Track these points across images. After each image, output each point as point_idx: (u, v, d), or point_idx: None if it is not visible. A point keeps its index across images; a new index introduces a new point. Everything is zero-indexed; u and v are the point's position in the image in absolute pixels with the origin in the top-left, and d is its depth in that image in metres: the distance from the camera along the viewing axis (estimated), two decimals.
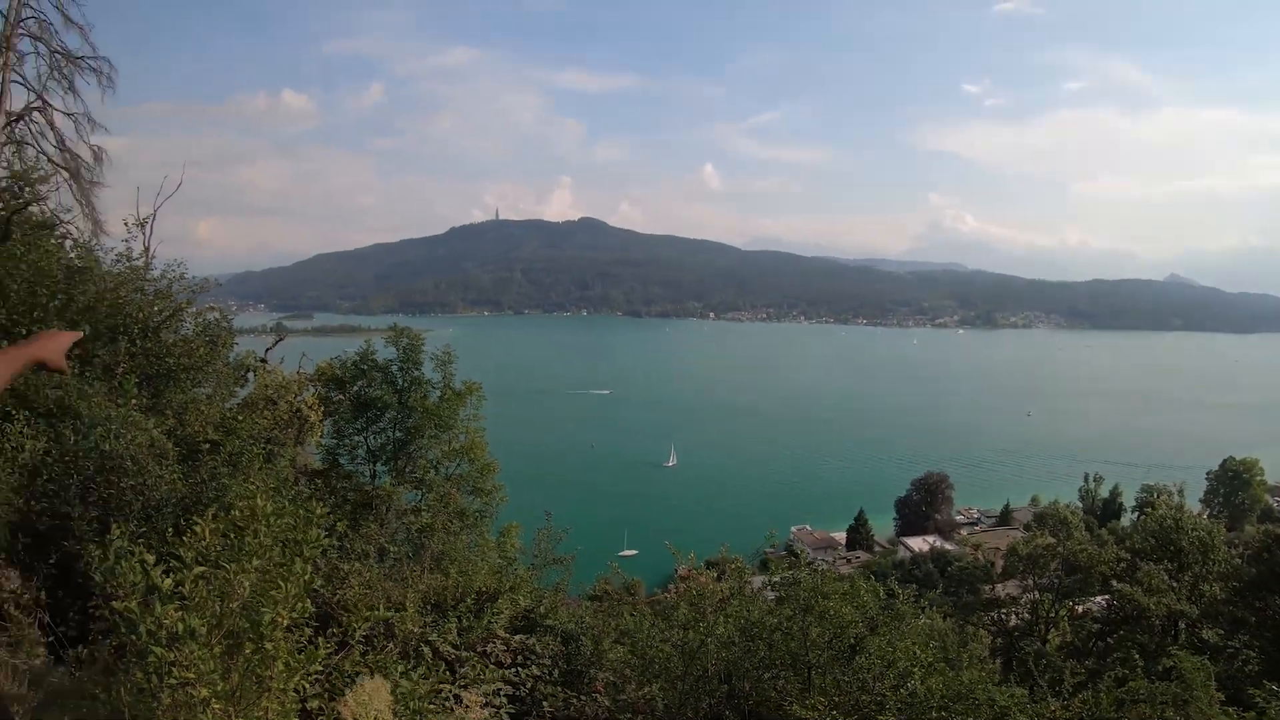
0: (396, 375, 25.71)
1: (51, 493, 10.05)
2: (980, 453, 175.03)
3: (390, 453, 25.63)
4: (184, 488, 11.04)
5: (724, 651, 12.04)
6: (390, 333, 26.89)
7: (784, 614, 12.19)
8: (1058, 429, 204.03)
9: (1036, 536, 44.39)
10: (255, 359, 26.79)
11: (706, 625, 12.24)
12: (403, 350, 25.78)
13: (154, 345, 18.27)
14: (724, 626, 12.25)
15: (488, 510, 26.39)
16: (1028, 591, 40.48)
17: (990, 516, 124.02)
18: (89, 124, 27.67)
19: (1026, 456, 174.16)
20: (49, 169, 26.91)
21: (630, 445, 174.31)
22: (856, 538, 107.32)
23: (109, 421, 10.84)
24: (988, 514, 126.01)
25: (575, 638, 12.52)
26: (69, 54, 26.73)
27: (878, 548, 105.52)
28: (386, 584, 12.46)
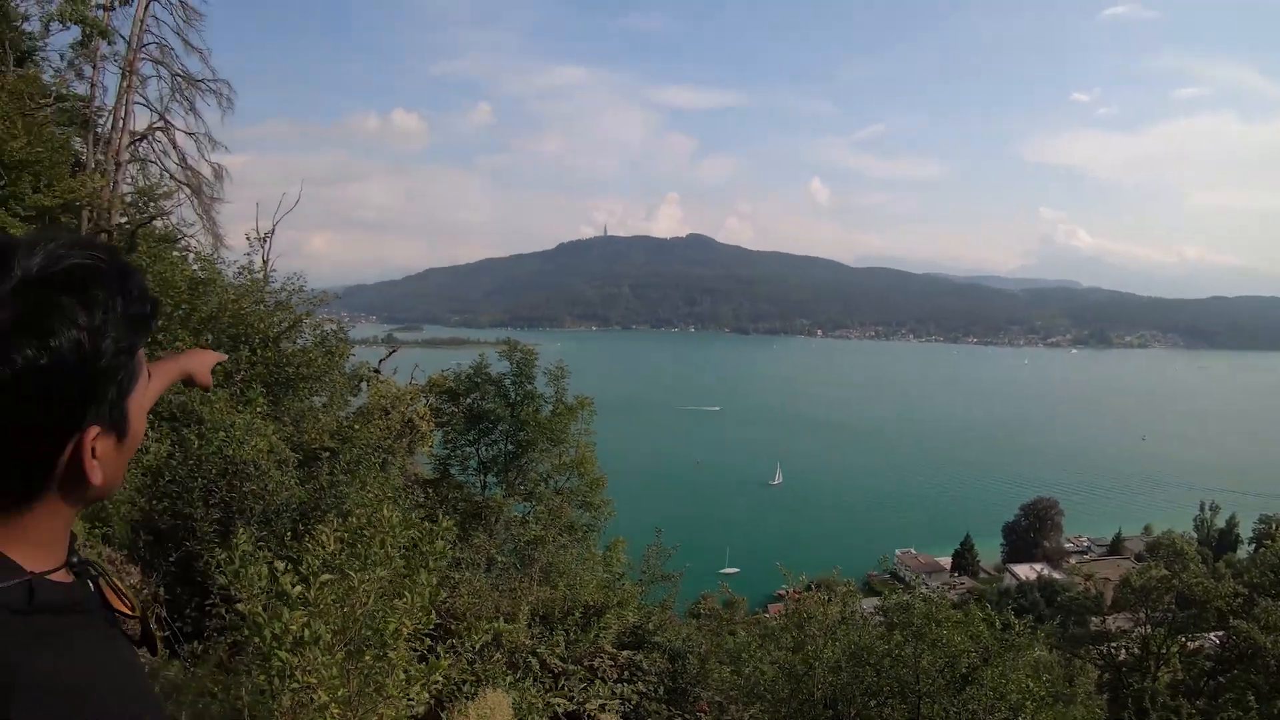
0: (510, 389, 25.86)
1: (174, 494, 10.26)
2: (1091, 478, 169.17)
3: (501, 465, 25.78)
4: (303, 493, 11.18)
5: (831, 676, 11.79)
6: (500, 345, 27.10)
7: (894, 640, 11.90)
8: (1173, 454, 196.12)
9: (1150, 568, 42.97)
10: (369, 369, 27.22)
11: (814, 649, 12.00)
12: (516, 364, 25.94)
13: (274, 354, 18.64)
14: (832, 650, 11.99)
15: (596, 524, 26.39)
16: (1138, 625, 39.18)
17: (1100, 545, 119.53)
18: (209, 143, 28.62)
19: (1140, 482, 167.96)
20: (172, 185, 27.93)
21: (736, 462, 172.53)
22: (962, 563, 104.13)
23: (232, 428, 11.03)
24: (1098, 542, 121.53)
25: (682, 655, 12.41)
26: (189, 77, 27.65)
27: (983, 574, 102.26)
28: (495, 594, 12.48)
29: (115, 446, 1.39)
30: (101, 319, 1.29)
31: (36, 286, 1.25)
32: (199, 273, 21.15)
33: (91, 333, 1.27)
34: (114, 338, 1.31)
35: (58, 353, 1.23)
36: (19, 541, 1.31)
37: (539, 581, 15.66)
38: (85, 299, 1.28)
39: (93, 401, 1.31)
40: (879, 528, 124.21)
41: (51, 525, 1.37)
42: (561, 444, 26.06)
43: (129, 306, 1.35)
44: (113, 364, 1.32)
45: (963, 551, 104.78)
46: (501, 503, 23.40)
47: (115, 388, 1.35)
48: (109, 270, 1.34)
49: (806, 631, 12.48)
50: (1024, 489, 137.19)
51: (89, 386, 1.29)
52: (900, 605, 12.93)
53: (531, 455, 25.60)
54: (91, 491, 1.38)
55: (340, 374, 22.66)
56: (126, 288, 1.36)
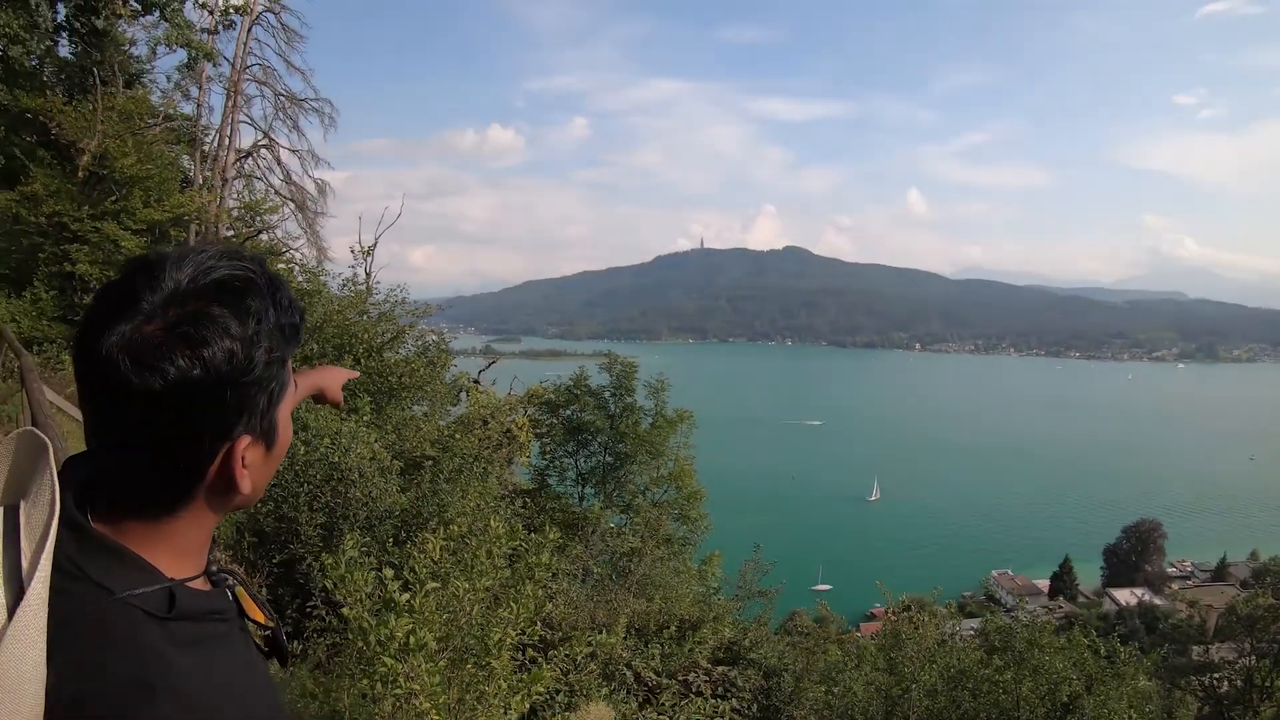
0: (609, 401, 25.92)
1: (279, 498, 10.42)
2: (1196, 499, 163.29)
3: (600, 476, 25.84)
4: (405, 500, 11.28)
5: (927, 700, 11.54)
6: (598, 358, 27.20)
7: (994, 665, 11.62)
8: None
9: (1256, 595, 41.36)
10: (469, 380, 27.50)
11: (911, 671, 11.77)
12: (616, 377, 26.00)
13: (377, 364, 18.91)
14: (929, 674, 11.74)
15: (692, 538, 26.29)
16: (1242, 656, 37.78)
17: (1205, 570, 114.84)
18: (312, 159, 29.55)
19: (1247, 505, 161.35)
20: (276, 201, 28.65)
21: (833, 477, 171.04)
22: (1060, 586, 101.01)
23: (338, 435, 11.16)
24: (1202, 567, 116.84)
25: (777, 673, 12.24)
26: (292, 96, 28.51)
27: (1082, 598, 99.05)
28: (591, 605, 12.46)
29: (264, 455, 1.42)
30: (255, 329, 1.30)
31: (188, 297, 1.27)
32: (304, 284, 21.59)
33: (244, 343, 1.28)
34: (266, 348, 1.32)
35: (210, 363, 1.24)
36: (163, 549, 1.33)
37: (635, 594, 15.63)
38: (238, 309, 1.29)
39: (245, 411, 1.32)
40: (976, 548, 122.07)
41: (194, 534, 1.39)
42: (660, 457, 26.05)
43: (280, 316, 1.37)
44: (265, 374, 1.33)
45: (1061, 574, 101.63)
46: (599, 514, 23.44)
47: (266, 397, 1.36)
48: (260, 280, 1.35)
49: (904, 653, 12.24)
50: (1126, 510, 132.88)
51: (241, 396, 1.30)
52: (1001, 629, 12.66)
53: (630, 467, 25.65)
54: (239, 499, 1.40)
55: (441, 384, 22.95)
56: (278, 298, 1.37)
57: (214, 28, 27.29)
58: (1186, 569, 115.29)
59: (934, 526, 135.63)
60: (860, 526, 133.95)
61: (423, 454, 15.41)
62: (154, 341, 1.21)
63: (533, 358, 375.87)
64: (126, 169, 22.61)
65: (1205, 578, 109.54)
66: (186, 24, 25.97)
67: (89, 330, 1.25)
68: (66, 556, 1.24)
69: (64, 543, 1.25)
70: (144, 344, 1.21)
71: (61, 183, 23.00)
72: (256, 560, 10.17)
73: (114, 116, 23.59)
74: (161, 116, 27.86)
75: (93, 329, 1.25)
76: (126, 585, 1.25)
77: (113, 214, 22.60)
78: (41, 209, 22.31)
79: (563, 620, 11.41)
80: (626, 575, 18.52)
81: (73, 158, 23.46)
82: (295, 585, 9.68)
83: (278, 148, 29.32)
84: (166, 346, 1.21)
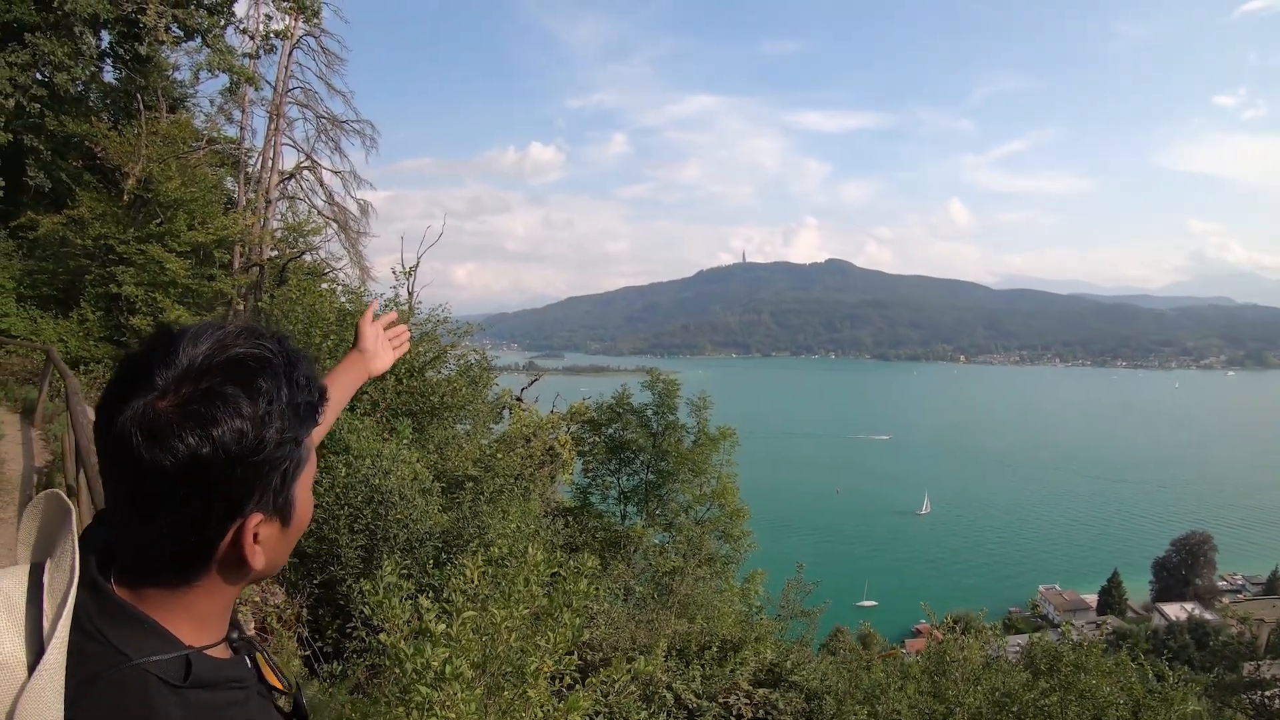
0: (652, 419, 25.88)
1: (320, 519, 10.46)
2: (1247, 510, 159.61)
3: (642, 494, 25.80)
4: (445, 521, 11.27)
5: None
6: (641, 374, 27.17)
7: (1039, 688, 11.40)
8: None
9: None
10: (511, 397, 27.57)
11: (956, 694, 11.57)
12: (659, 395, 25.97)
13: (419, 384, 18.97)
14: (974, 696, 11.54)
15: (735, 556, 26.17)
16: None
17: (1256, 584, 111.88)
18: (354, 180, 29.86)
19: None
20: (320, 221, 28.97)
21: (882, 491, 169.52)
22: (1109, 601, 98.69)
23: (379, 457, 11.18)
24: (1253, 580, 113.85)
25: (819, 696, 12.10)
26: (334, 118, 28.87)
27: (1131, 613, 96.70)
28: (632, 625, 12.38)
29: (279, 531, 1.43)
30: (266, 409, 1.30)
31: (202, 374, 1.28)
32: (346, 305, 21.75)
33: (255, 422, 1.28)
34: (278, 428, 1.32)
35: (220, 442, 1.25)
36: (181, 617, 1.35)
37: (677, 614, 15.55)
38: (249, 388, 1.30)
39: (256, 490, 1.33)
40: (1024, 561, 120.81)
41: (212, 603, 1.40)
42: (703, 474, 25.98)
43: (295, 396, 1.37)
44: (276, 454, 1.33)
45: (1109, 589, 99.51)
46: (641, 533, 23.39)
47: (279, 476, 1.36)
48: (276, 359, 1.36)
49: (948, 676, 12.05)
50: (1175, 522, 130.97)
51: (252, 475, 1.31)
52: (1047, 650, 12.46)
53: (672, 486, 25.62)
54: (254, 573, 1.40)
55: (483, 402, 23.02)
56: (294, 377, 1.38)
57: (255, 52, 27.61)
58: (1237, 582, 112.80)
59: (982, 540, 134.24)
60: (909, 541, 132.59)
61: (465, 473, 15.44)
62: (166, 418, 1.23)
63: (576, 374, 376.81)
64: (171, 192, 22.94)
65: (1257, 591, 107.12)
66: (228, 49, 26.32)
67: (107, 403, 1.28)
68: (88, 618, 1.26)
69: (85, 605, 1.27)
70: (156, 420, 1.23)
71: (107, 206, 23.39)
72: (298, 581, 10.23)
73: (158, 141, 23.95)
74: (205, 140, 28.28)
75: (111, 402, 1.28)
76: (144, 651, 1.26)
77: (158, 236, 22.94)
78: (88, 232, 22.72)
79: (604, 641, 11.35)
80: (668, 594, 18.43)
81: (118, 182, 23.87)
82: (335, 606, 9.73)
83: (320, 169, 29.70)
84: (178, 424, 1.23)
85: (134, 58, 27.40)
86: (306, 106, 28.86)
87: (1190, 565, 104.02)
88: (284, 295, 21.64)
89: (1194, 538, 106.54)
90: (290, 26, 27.63)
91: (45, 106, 24.68)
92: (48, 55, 24.07)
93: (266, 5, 27.67)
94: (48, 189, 25.61)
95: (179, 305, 22.08)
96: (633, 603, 17.29)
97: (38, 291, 23.53)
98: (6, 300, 22.78)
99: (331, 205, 29.96)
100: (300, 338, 18.42)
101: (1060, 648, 12.27)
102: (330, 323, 18.95)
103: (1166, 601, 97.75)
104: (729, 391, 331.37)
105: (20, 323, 22.40)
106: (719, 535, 26.04)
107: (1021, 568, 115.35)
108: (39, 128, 25.00)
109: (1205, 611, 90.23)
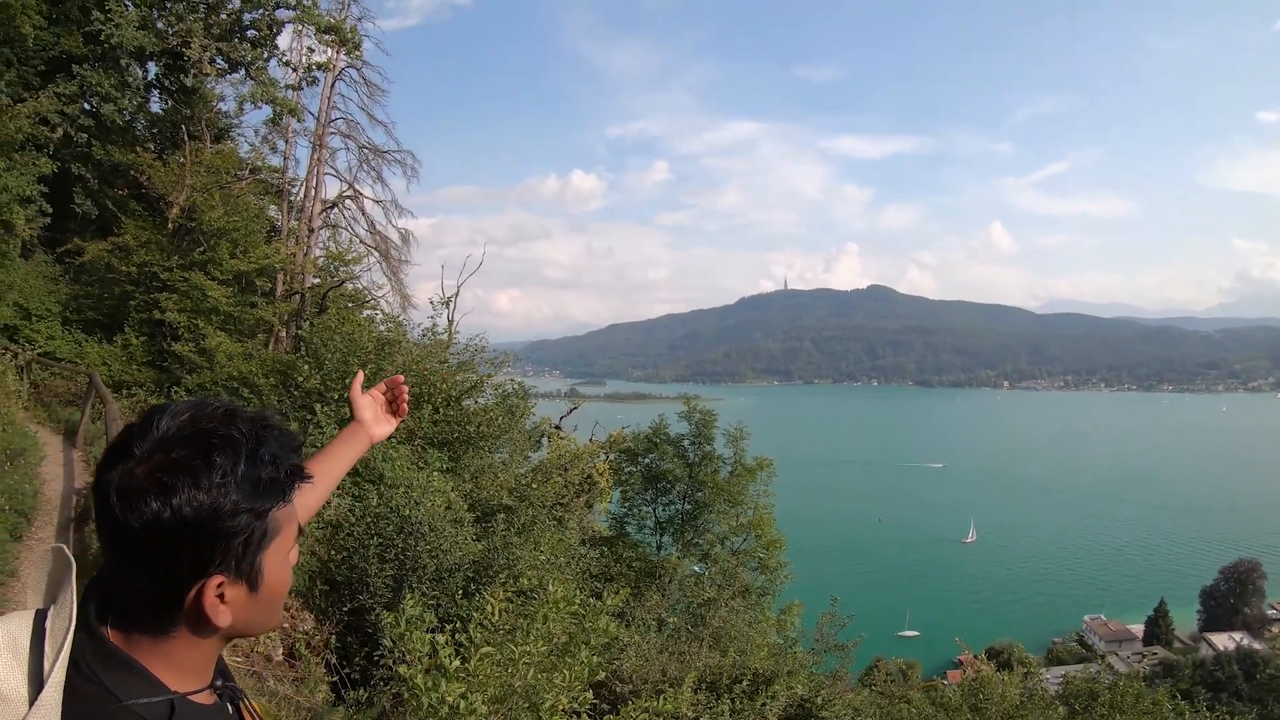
0: (688, 450, 25.86)
1: (351, 548, 10.56)
2: None
3: (678, 525, 25.75)
4: (475, 551, 11.30)
5: None
6: (682, 402, 27.16)
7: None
8: None
9: None
10: (550, 425, 27.69)
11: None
12: (695, 425, 25.95)
13: (456, 413, 19.08)
14: None
15: (771, 588, 26.02)
16: None
17: None
18: (396, 209, 30.18)
19: None
20: (361, 250, 29.29)
21: (928, 519, 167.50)
22: (1155, 631, 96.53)
23: (410, 488, 11.24)
24: None
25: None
26: (375, 148, 29.27)
27: (1178, 643, 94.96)
28: (662, 657, 12.33)
29: (247, 595, 1.58)
30: (221, 481, 1.47)
31: (171, 446, 1.48)
32: (386, 333, 21.97)
33: (211, 493, 1.46)
34: (234, 500, 1.49)
35: (177, 509, 1.43)
36: (164, 663, 1.52)
37: (709, 645, 15.46)
38: (209, 462, 1.47)
39: (216, 554, 1.49)
40: (1070, 590, 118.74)
41: (191, 653, 1.57)
42: (739, 505, 25.90)
43: (256, 471, 1.53)
44: (232, 524, 1.49)
45: (1156, 618, 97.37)
46: (676, 563, 23.34)
47: (241, 544, 1.52)
48: (241, 437, 1.53)
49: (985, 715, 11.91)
50: (1224, 550, 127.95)
51: (211, 541, 1.48)
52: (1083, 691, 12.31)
53: (708, 516, 25.52)
54: (222, 631, 1.58)
55: (520, 431, 23.10)
56: (258, 454, 1.54)
57: (298, 84, 28.08)
58: None
59: (1027, 569, 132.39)
60: (953, 569, 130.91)
61: (500, 502, 15.49)
62: (137, 484, 1.43)
63: (617, 401, 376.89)
64: (214, 221, 23.27)
65: None
66: (271, 81, 26.85)
67: (100, 466, 1.50)
68: (85, 660, 1.44)
69: (82, 648, 1.45)
70: (129, 484, 1.44)
71: (152, 234, 23.79)
72: (328, 608, 10.31)
73: (201, 170, 24.31)
74: (249, 169, 28.71)
75: (101, 465, 1.49)
76: (131, 694, 1.44)
77: (200, 264, 23.27)
78: (132, 259, 23.13)
79: (633, 673, 11.32)
80: (701, 625, 18.34)
81: (163, 210, 24.26)
82: (364, 634, 9.80)
83: (362, 198, 30.01)
84: (145, 490, 1.42)
85: (179, 89, 27.97)
86: (349, 137, 29.21)
87: (1239, 594, 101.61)
88: (323, 324, 21.86)
89: (1243, 565, 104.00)
90: (332, 59, 28.05)
91: (92, 136, 25.22)
92: (94, 86, 24.63)
93: (309, 38, 28.19)
94: (94, 216, 26.10)
95: (220, 332, 22.33)
96: (666, 634, 17.22)
97: (83, 316, 23.97)
98: (52, 324, 23.24)
99: (373, 234, 30.26)
100: (338, 365, 18.64)
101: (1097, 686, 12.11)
102: (368, 351, 19.12)
103: (1214, 631, 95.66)
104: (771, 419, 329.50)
105: (66, 346, 22.86)
106: (754, 566, 25.94)
107: (1067, 597, 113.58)
108: (86, 156, 25.53)
109: (1254, 641, 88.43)
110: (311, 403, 18.02)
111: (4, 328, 22.47)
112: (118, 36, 24.54)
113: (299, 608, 10.29)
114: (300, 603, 10.38)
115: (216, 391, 20.58)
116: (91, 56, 25.25)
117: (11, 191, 15.10)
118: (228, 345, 22.05)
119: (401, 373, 10.85)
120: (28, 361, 21.42)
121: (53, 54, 24.84)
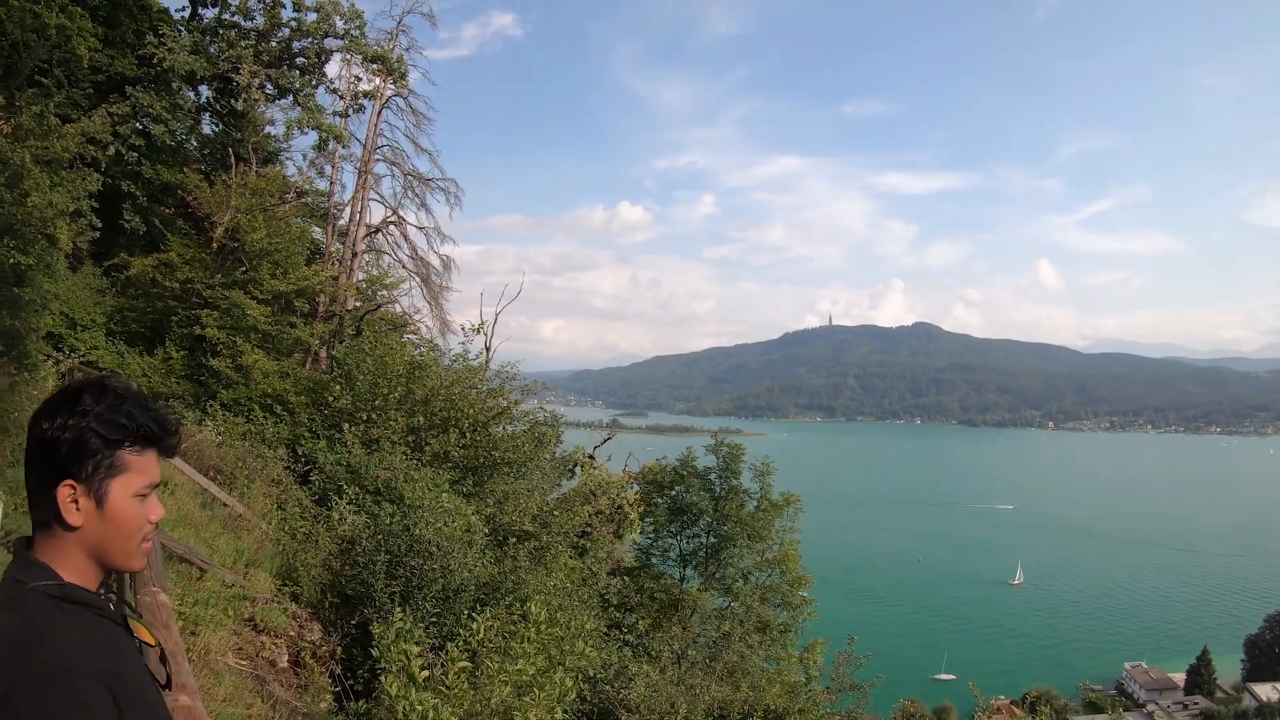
0: (714, 483, 25.92)
1: (361, 564, 10.80)
2: None
3: (702, 558, 25.78)
4: (485, 573, 11.47)
5: None
6: (726, 434, 27.30)
7: None
8: None
9: None
10: (583, 454, 27.86)
11: None
12: (722, 459, 26.02)
13: (483, 438, 19.30)
14: None
15: (793, 624, 25.96)
16: None
17: None
18: (438, 236, 30.71)
19: None
20: (402, 275, 29.84)
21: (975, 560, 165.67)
22: (1198, 680, 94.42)
23: (423, 509, 11.47)
24: None
25: None
26: (420, 176, 29.89)
27: (1219, 693, 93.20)
28: (671, 688, 12.41)
29: (96, 510, 2.12)
30: (83, 410, 2.11)
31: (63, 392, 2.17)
32: (419, 358, 22.29)
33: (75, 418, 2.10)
34: (93, 428, 2.10)
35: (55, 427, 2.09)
36: (59, 562, 2.11)
37: (723, 679, 15.51)
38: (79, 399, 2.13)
39: (71, 466, 2.09)
40: (1113, 636, 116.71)
41: (74, 555, 2.13)
42: (763, 540, 25.89)
43: (113, 414, 2.14)
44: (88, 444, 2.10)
45: (1199, 667, 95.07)
46: (697, 596, 23.38)
47: (92, 463, 2.10)
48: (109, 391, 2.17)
49: None
50: (1270, 598, 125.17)
51: (71, 453, 2.09)
52: None
53: (732, 550, 25.50)
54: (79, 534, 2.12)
55: (547, 460, 23.29)
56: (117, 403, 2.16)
57: (345, 111, 28.71)
58: None
59: (1069, 613, 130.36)
60: (997, 612, 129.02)
61: (521, 528, 15.66)
62: (38, 412, 2.13)
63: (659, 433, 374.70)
64: (256, 242, 23.74)
65: None
66: (318, 108, 27.45)
67: None
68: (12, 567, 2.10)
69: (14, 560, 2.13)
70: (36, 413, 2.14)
71: (196, 252, 24.29)
72: (336, 620, 10.54)
73: (246, 193, 24.81)
74: (294, 192, 29.27)
75: None
76: (34, 579, 2.06)
77: (241, 283, 23.73)
78: (176, 275, 23.62)
79: (640, 703, 11.44)
80: (715, 659, 18.37)
81: (207, 230, 24.75)
82: (369, 648, 10.02)
83: (405, 224, 30.53)
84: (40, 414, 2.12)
85: (230, 112, 28.59)
86: (394, 164, 29.77)
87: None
88: (356, 346, 22.21)
89: None
90: (379, 88, 28.63)
91: (143, 155, 25.78)
92: (146, 108, 25.21)
93: (356, 67, 28.80)
94: (142, 232, 26.65)
95: (258, 350, 22.74)
96: (684, 667, 17.26)
97: (127, 328, 24.46)
98: (97, 334, 23.73)
99: (415, 259, 30.75)
100: (369, 387, 18.99)
101: None
102: (399, 376, 19.43)
103: (1258, 681, 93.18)
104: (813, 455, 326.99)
105: (108, 356, 23.32)
106: (778, 603, 25.91)
107: (1111, 642, 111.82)
108: (136, 174, 26.10)
109: None
110: (340, 421, 18.37)
111: (49, 336, 22.99)
112: (170, 60, 25.20)
113: (308, 617, 10.52)
114: (310, 613, 10.62)
115: (251, 408, 21.03)
116: (145, 79, 25.87)
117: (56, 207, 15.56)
118: (264, 363, 22.51)
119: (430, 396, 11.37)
120: (69, 369, 21.90)
121: (108, 74, 25.49)
